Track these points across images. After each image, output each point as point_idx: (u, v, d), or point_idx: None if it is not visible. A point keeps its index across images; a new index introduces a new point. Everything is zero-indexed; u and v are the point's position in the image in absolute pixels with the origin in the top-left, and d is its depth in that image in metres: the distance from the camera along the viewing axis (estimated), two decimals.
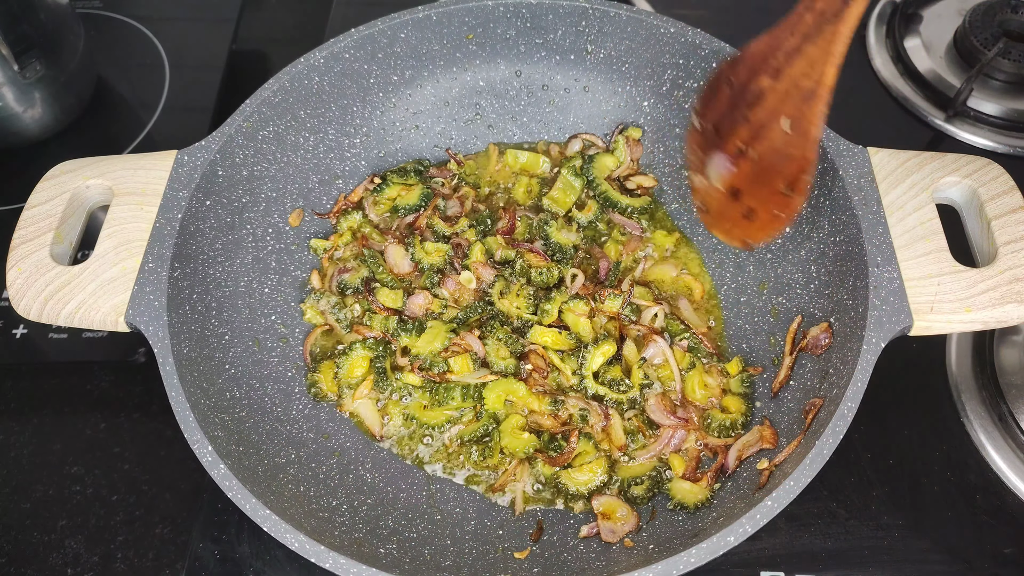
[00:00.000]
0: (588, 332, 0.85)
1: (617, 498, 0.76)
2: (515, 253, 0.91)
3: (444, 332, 0.85)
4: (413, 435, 0.84)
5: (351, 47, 0.91)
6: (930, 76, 1.11)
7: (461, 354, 0.84)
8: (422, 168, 0.99)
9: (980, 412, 0.85)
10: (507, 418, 0.82)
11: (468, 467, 0.82)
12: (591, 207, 0.96)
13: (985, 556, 0.77)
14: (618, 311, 0.86)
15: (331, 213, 0.96)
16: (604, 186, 0.96)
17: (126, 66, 1.20)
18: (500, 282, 0.88)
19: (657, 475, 0.78)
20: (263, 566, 0.79)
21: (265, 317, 0.87)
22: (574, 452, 0.78)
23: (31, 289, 0.74)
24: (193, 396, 0.70)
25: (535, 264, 0.90)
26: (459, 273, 0.89)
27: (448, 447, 0.83)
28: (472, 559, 0.72)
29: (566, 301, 0.86)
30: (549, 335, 0.84)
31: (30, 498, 0.85)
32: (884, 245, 0.73)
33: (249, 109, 0.86)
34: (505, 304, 0.87)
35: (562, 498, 0.79)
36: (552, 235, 0.92)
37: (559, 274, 0.89)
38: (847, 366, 0.69)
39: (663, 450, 0.79)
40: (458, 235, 0.92)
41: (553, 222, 0.93)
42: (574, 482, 0.78)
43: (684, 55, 0.91)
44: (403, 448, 0.83)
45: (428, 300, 0.88)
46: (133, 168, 0.81)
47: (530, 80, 1.00)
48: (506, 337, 0.84)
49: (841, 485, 0.81)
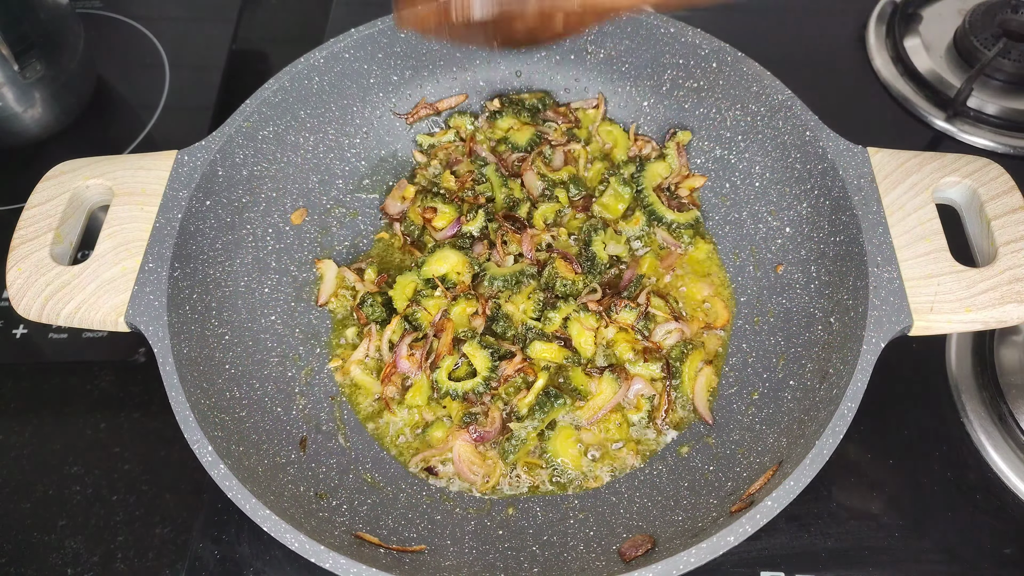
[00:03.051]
0: (589, 348, 0.84)
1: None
2: (548, 257, 0.89)
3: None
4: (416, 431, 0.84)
5: (351, 47, 0.91)
6: (930, 76, 1.11)
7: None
8: (540, 108, 0.99)
9: (980, 412, 0.85)
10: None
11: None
12: (638, 219, 0.93)
13: (985, 556, 0.77)
14: (631, 324, 0.85)
15: (410, 114, 0.98)
16: (652, 198, 0.92)
17: (126, 66, 1.20)
18: (509, 289, 0.87)
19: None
20: (263, 566, 0.79)
21: (265, 317, 0.87)
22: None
23: (31, 289, 0.74)
24: (193, 396, 0.70)
25: (563, 274, 0.88)
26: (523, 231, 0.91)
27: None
28: (472, 559, 0.72)
29: (576, 311, 0.85)
30: (548, 351, 0.83)
31: (30, 498, 0.85)
32: (884, 245, 0.73)
33: (249, 109, 0.86)
34: (511, 307, 0.86)
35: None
36: (595, 246, 0.89)
37: (583, 287, 0.87)
38: (847, 366, 0.69)
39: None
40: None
41: (601, 233, 0.90)
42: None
43: (684, 55, 0.91)
44: (404, 453, 0.83)
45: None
46: (133, 168, 0.81)
47: (530, 80, 1.00)
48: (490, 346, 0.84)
49: (841, 485, 0.81)
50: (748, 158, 0.90)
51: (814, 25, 1.18)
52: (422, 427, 0.83)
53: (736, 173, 0.92)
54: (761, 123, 0.87)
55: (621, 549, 0.70)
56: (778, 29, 1.17)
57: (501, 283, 0.87)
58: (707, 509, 0.72)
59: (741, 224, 0.91)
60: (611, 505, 0.78)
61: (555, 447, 0.81)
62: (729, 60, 0.88)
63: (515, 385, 0.83)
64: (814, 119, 0.82)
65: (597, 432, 0.82)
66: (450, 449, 0.81)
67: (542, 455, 0.81)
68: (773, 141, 0.87)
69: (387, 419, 0.84)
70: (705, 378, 0.84)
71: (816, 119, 0.82)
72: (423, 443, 0.83)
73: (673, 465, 0.80)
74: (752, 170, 0.90)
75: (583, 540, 0.74)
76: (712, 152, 0.94)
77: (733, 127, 0.91)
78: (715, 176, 0.94)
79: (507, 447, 0.81)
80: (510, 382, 0.83)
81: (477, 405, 0.83)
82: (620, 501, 0.78)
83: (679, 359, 0.84)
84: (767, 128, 0.87)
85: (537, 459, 0.81)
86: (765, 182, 0.89)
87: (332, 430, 0.83)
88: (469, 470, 0.80)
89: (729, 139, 0.92)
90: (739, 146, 0.91)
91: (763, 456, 0.73)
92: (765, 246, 0.89)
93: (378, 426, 0.84)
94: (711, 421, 0.82)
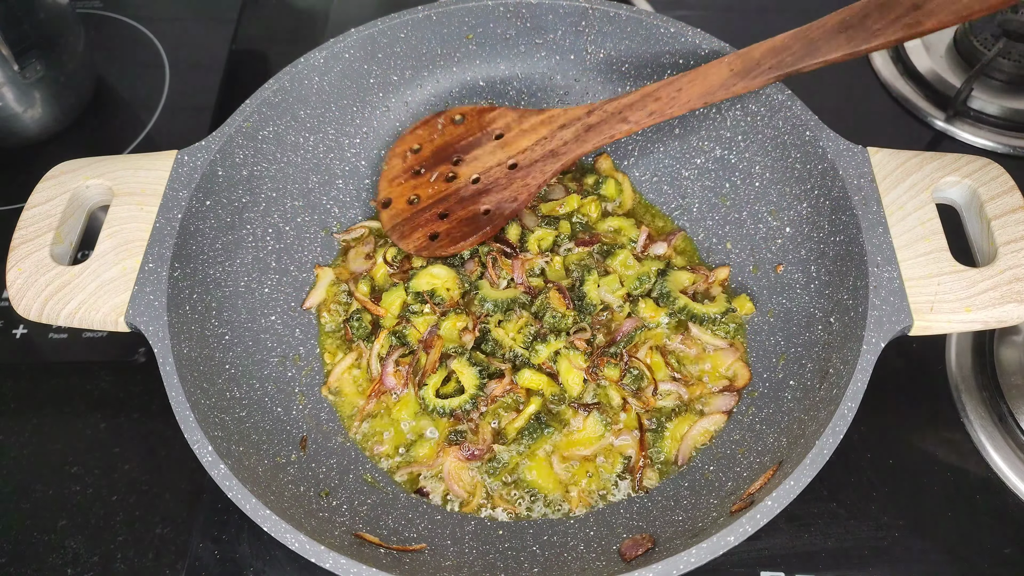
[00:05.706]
0: (576, 387, 0.81)
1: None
2: (543, 286, 0.88)
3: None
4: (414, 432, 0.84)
5: (351, 47, 0.91)
6: (930, 76, 1.11)
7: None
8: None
9: (980, 412, 0.85)
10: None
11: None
12: (662, 311, 0.86)
13: (985, 556, 0.77)
14: (616, 380, 0.82)
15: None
16: (683, 300, 0.86)
17: (126, 66, 1.20)
18: (500, 313, 0.86)
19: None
20: (263, 566, 0.79)
21: (265, 317, 0.87)
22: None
23: (31, 289, 0.74)
24: (193, 396, 0.70)
25: (555, 306, 0.85)
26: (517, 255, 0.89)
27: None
28: (472, 559, 0.72)
29: (566, 347, 0.82)
30: (537, 381, 0.82)
31: (30, 498, 0.85)
32: (884, 245, 0.73)
33: (249, 109, 0.86)
34: (501, 333, 0.84)
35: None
36: (587, 286, 0.86)
37: (572, 323, 0.85)
38: (847, 366, 0.69)
39: None
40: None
41: (594, 272, 0.87)
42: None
43: (684, 55, 0.91)
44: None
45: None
46: (133, 168, 0.81)
47: (530, 80, 1.00)
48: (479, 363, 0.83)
49: (841, 485, 0.81)
50: (748, 158, 0.90)
51: None
52: (407, 446, 0.82)
53: (736, 173, 0.92)
54: (761, 123, 0.87)
55: (621, 549, 0.70)
56: (777, 29, 1.17)
57: (492, 306, 0.86)
58: (707, 509, 0.72)
59: (741, 224, 0.91)
60: (611, 505, 0.78)
61: (531, 475, 0.79)
62: None
63: (504, 405, 0.82)
64: (814, 119, 0.82)
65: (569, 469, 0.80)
66: (441, 466, 0.80)
67: (518, 483, 0.80)
68: (773, 141, 0.87)
69: (374, 430, 0.83)
70: (695, 440, 0.80)
71: (816, 119, 0.82)
72: (408, 459, 0.82)
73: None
74: (752, 170, 0.90)
75: (583, 540, 0.74)
76: (712, 152, 0.94)
77: (733, 127, 0.91)
78: (715, 176, 0.94)
79: (487, 468, 0.80)
80: (499, 402, 0.82)
81: (464, 422, 0.82)
82: (620, 501, 0.78)
83: (668, 418, 0.82)
84: (767, 128, 0.87)
85: (513, 486, 0.80)
86: (765, 182, 0.89)
87: (332, 430, 0.83)
88: (458, 486, 0.79)
89: (729, 139, 0.92)
90: (739, 146, 0.91)
91: (763, 456, 0.73)
92: (765, 246, 0.89)
93: (364, 438, 0.83)
94: (681, 464, 0.80)
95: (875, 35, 0.75)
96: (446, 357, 0.84)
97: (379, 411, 0.84)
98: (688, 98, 0.82)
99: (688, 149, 0.95)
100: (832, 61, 0.77)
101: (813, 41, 0.78)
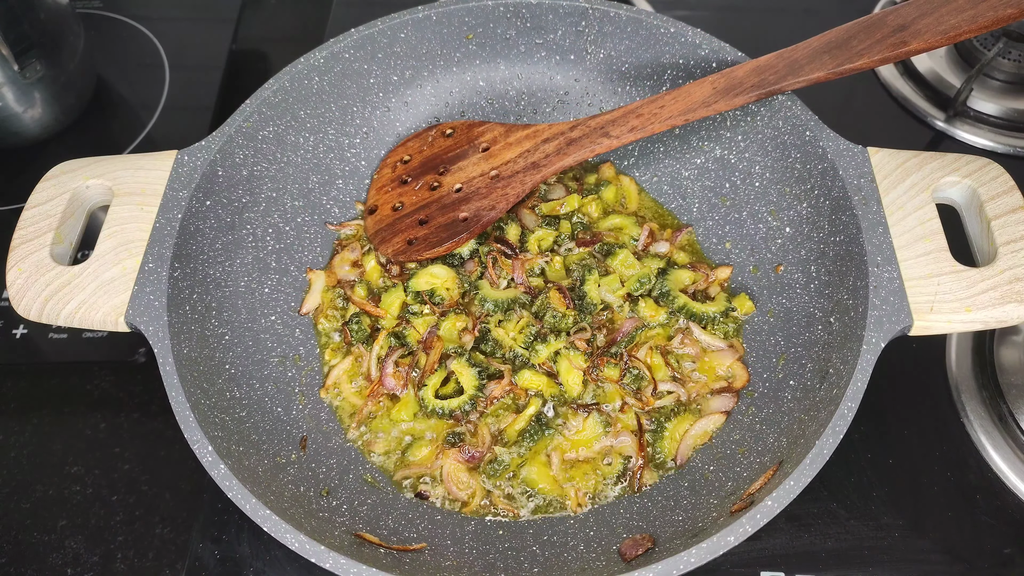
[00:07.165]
0: (576, 387, 0.81)
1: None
2: (543, 286, 0.88)
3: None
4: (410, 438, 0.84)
5: (351, 47, 0.91)
6: (930, 76, 1.11)
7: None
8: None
9: (980, 412, 0.85)
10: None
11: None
12: (662, 311, 0.86)
13: (985, 556, 0.77)
14: (616, 380, 0.82)
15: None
16: (682, 299, 0.86)
17: (126, 66, 1.20)
18: (500, 313, 0.86)
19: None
20: (263, 566, 0.79)
21: (265, 317, 0.87)
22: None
23: (31, 289, 0.74)
24: (193, 396, 0.70)
25: (555, 306, 0.85)
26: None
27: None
28: (472, 559, 0.72)
29: (567, 348, 0.82)
30: (537, 381, 0.82)
31: (30, 498, 0.85)
32: (884, 245, 0.73)
33: (249, 109, 0.86)
34: (501, 333, 0.84)
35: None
36: (588, 285, 0.86)
37: (573, 323, 0.85)
38: (847, 366, 0.69)
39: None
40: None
41: (595, 272, 0.87)
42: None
43: (684, 55, 0.91)
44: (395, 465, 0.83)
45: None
46: (133, 168, 0.81)
47: (530, 80, 1.00)
48: (479, 364, 0.83)
49: (841, 485, 0.81)
50: (748, 158, 0.90)
51: (814, 25, 1.17)
52: (405, 449, 0.82)
53: (736, 173, 0.92)
54: (761, 123, 0.87)
55: (621, 549, 0.70)
56: (777, 29, 1.17)
57: (492, 306, 0.86)
58: (707, 509, 0.72)
59: (741, 224, 0.91)
60: (611, 505, 0.78)
61: (531, 475, 0.79)
62: (729, 60, 0.88)
63: (504, 406, 0.82)
64: (814, 119, 0.82)
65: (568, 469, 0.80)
66: (439, 468, 0.80)
67: (517, 483, 0.79)
68: (773, 141, 0.87)
69: (372, 432, 0.83)
70: (694, 440, 0.80)
71: (816, 119, 0.82)
72: (404, 462, 0.82)
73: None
74: (752, 170, 0.90)
75: (583, 540, 0.74)
76: (712, 152, 0.94)
77: (733, 127, 0.91)
78: (715, 176, 0.94)
79: (488, 470, 0.79)
80: (498, 403, 0.82)
81: (463, 424, 0.82)
82: (620, 501, 0.78)
83: (667, 418, 0.81)
84: (767, 128, 0.87)
85: (512, 485, 0.79)
86: (765, 182, 0.89)
87: (332, 430, 0.83)
88: (457, 488, 0.79)
89: (729, 139, 0.92)
90: (739, 146, 0.91)
91: (763, 456, 0.73)
92: (765, 246, 0.89)
93: (363, 441, 0.83)
94: (680, 464, 0.79)
95: (859, 55, 0.77)
96: (446, 357, 0.84)
97: (378, 412, 0.84)
98: (670, 114, 0.83)
99: (688, 149, 0.95)
100: (815, 81, 0.78)
101: (796, 61, 0.80)
